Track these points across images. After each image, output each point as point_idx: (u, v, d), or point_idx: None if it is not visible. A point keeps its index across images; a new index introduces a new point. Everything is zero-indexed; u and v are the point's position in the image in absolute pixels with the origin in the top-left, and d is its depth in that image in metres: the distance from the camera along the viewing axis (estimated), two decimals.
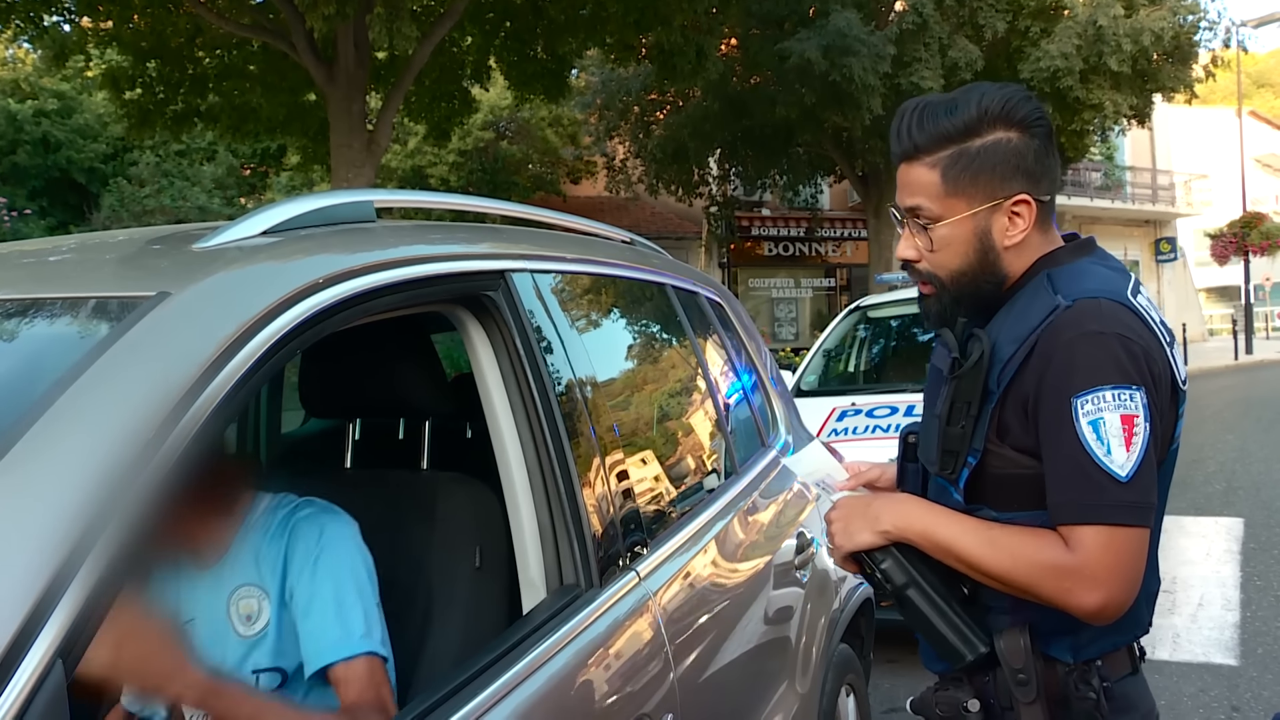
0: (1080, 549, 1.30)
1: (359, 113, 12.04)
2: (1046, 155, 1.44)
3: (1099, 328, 1.33)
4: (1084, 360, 1.32)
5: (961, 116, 1.42)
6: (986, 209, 1.42)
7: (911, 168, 1.46)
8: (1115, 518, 1.29)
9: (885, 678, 4.44)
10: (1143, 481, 1.30)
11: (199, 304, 1.19)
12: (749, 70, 17.51)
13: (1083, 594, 1.30)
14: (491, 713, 1.29)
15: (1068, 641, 1.40)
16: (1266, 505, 7.75)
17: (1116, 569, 1.30)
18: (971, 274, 1.45)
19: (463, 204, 2.06)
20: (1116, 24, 16.24)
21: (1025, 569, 1.34)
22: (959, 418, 1.42)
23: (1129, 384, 1.30)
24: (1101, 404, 1.30)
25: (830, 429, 5.15)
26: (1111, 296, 1.36)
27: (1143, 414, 1.30)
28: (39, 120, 19.41)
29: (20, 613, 0.86)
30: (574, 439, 1.70)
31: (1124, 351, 1.31)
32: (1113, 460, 1.29)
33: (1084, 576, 1.30)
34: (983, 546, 1.37)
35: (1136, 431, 1.30)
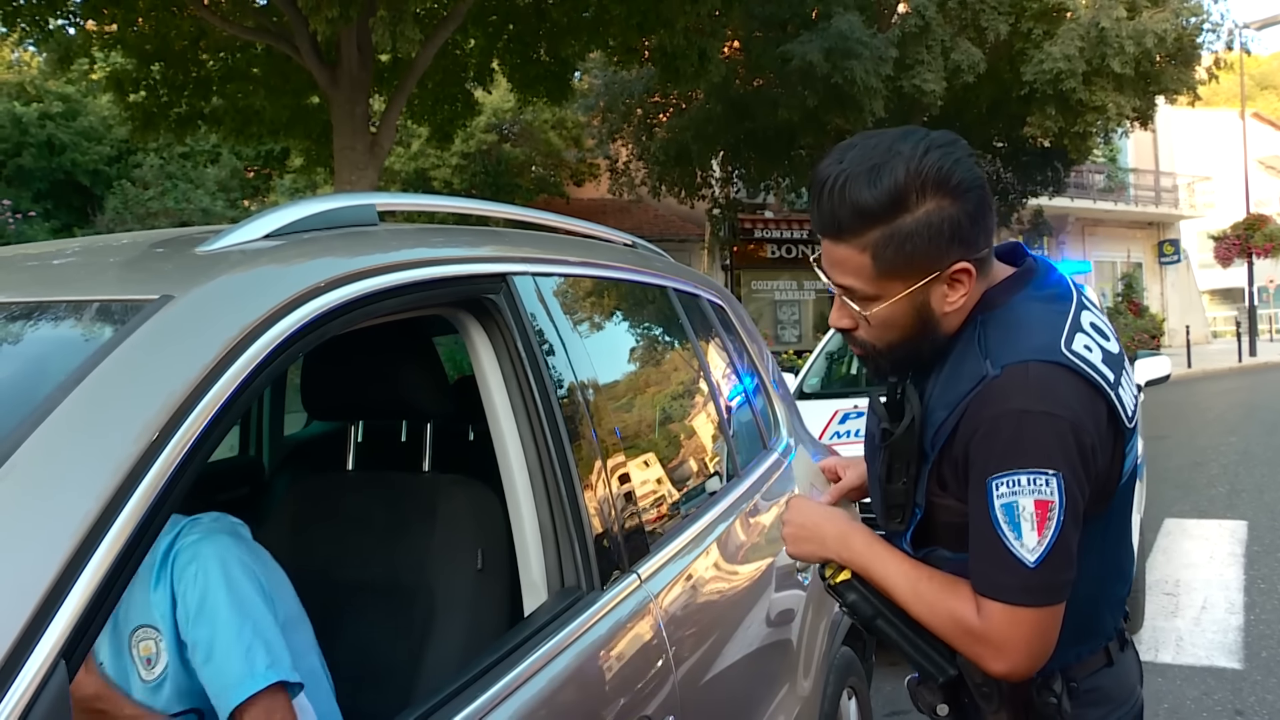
0: (988, 620, 1.33)
1: (362, 115, 12.06)
2: (983, 216, 1.35)
3: (1023, 405, 1.29)
4: (1004, 441, 1.29)
5: (886, 191, 1.30)
6: (924, 284, 1.35)
7: (838, 248, 1.37)
8: (1020, 599, 1.30)
9: (887, 681, 4.44)
10: (1052, 563, 1.29)
11: (203, 307, 1.19)
12: (751, 73, 17.53)
13: (989, 660, 1.34)
14: (493, 714, 1.29)
15: None
16: (1270, 508, 7.74)
17: (1020, 642, 1.32)
18: (911, 343, 1.41)
19: (464, 207, 2.07)
20: (1119, 26, 16.23)
21: (941, 624, 1.39)
22: (898, 476, 1.42)
23: (1046, 469, 1.27)
24: (1016, 488, 1.28)
25: (833, 431, 5.15)
26: (1041, 357, 1.31)
27: (1058, 499, 1.27)
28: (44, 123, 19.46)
29: (24, 614, 0.87)
30: (575, 441, 1.71)
31: (1048, 432, 1.28)
32: (1023, 545, 1.29)
33: (989, 645, 1.33)
34: (907, 593, 1.41)
35: (1050, 517, 1.28)
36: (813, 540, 1.52)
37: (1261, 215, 28.55)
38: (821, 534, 1.51)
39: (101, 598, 0.93)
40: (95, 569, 0.93)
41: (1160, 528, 7.14)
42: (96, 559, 0.93)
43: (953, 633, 1.38)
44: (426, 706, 1.26)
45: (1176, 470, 9.29)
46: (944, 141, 1.33)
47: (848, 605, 1.48)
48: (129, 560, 0.96)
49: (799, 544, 1.54)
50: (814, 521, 1.54)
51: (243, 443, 2.82)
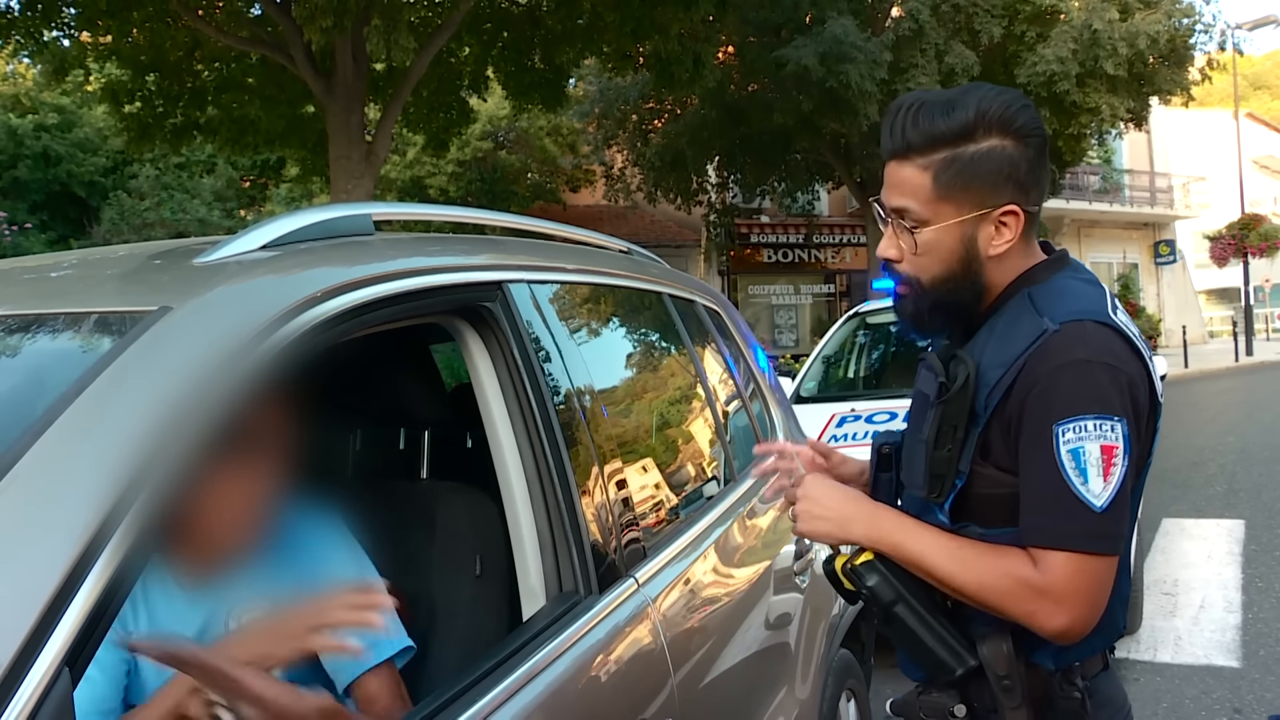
0: (1049, 572, 1.32)
1: (357, 124, 12.07)
2: (1039, 166, 1.42)
3: (1086, 355, 1.33)
4: (1069, 388, 1.32)
5: (959, 119, 1.38)
6: (975, 217, 1.41)
7: (902, 167, 1.43)
8: (1088, 545, 1.31)
9: (887, 683, 4.44)
10: (1117, 512, 1.31)
11: (200, 318, 1.20)
12: (746, 78, 17.57)
13: (1047, 616, 1.33)
14: (491, 719, 1.30)
15: (1050, 649, 1.41)
16: (1268, 507, 7.75)
17: (1083, 595, 1.32)
18: (953, 281, 1.44)
19: (460, 215, 2.08)
20: (1112, 28, 16.30)
21: (993, 587, 1.36)
22: (945, 441, 1.42)
23: (1111, 415, 1.31)
24: (1083, 433, 1.30)
25: (830, 435, 5.16)
26: (1096, 318, 1.36)
27: (1122, 446, 1.31)
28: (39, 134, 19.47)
29: (27, 622, 0.88)
30: (572, 448, 1.72)
31: (1110, 382, 1.32)
32: (1089, 490, 1.30)
33: (1051, 599, 1.32)
34: (952, 563, 1.39)
35: (1115, 463, 1.30)
36: (831, 519, 1.49)
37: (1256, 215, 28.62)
38: (844, 513, 1.48)
39: (103, 607, 0.94)
40: (97, 578, 0.93)
41: (1158, 527, 7.16)
42: (98, 568, 0.94)
43: (1007, 591, 1.35)
44: (426, 711, 1.27)
45: (1174, 470, 9.30)
46: (1014, 94, 1.42)
47: (867, 589, 1.44)
48: (129, 570, 0.97)
49: (813, 521, 1.50)
50: (835, 500, 1.51)
51: None
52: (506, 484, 1.66)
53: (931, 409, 1.44)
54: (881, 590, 1.43)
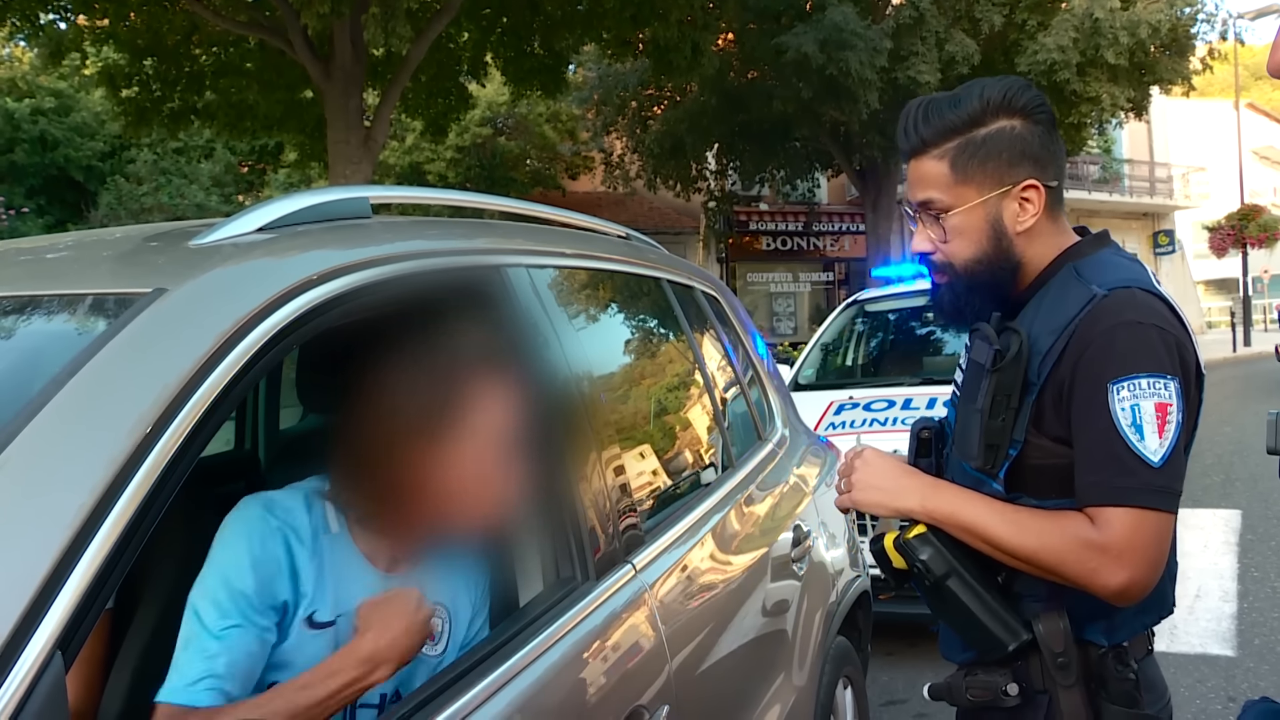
0: (1108, 529, 1.34)
1: (356, 109, 12.04)
2: (1051, 141, 1.49)
3: (1137, 317, 1.37)
4: (1122, 348, 1.35)
5: (965, 108, 1.46)
6: (996, 195, 1.47)
7: (920, 162, 1.50)
8: (1146, 501, 1.34)
9: (883, 671, 4.46)
10: (1173, 468, 1.35)
11: (195, 300, 1.19)
12: (746, 65, 17.53)
13: (1109, 574, 1.34)
14: (488, 704, 1.30)
15: (1101, 625, 1.44)
16: (1264, 497, 7.76)
17: (1143, 551, 1.34)
18: (986, 261, 1.49)
19: (458, 200, 2.07)
20: (1113, 17, 16.25)
21: (1052, 548, 1.37)
22: (1000, 410, 1.44)
23: (1164, 373, 1.34)
24: (1137, 391, 1.33)
25: (828, 422, 5.16)
26: (1144, 286, 1.40)
27: (1176, 403, 1.34)
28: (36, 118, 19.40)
29: (19, 606, 0.87)
30: (570, 433, 1.71)
31: (1160, 342, 1.35)
32: (1146, 446, 1.33)
33: (1111, 556, 1.34)
34: (1009, 527, 1.41)
35: (1169, 419, 1.34)
36: (889, 490, 1.52)
37: (1256, 206, 28.60)
38: (902, 485, 1.51)
39: (96, 589, 0.93)
40: (90, 561, 0.93)
41: None
42: (91, 551, 0.94)
43: (1066, 554, 1.36)
44: (423, 696, 1.27)
45: None
46: (1014, 79, 1.51)
47: (920, 563, 1.45)
48: (123, 552, 0.97)
49: (868, 491, 1.53)
50: (892, 472, 1.54)
51: (238, 437, 2.82)
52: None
53: (986, 378, 1.45)
54: (935, 563, 1.44)
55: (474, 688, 1.29)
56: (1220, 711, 3.86)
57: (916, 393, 5.28)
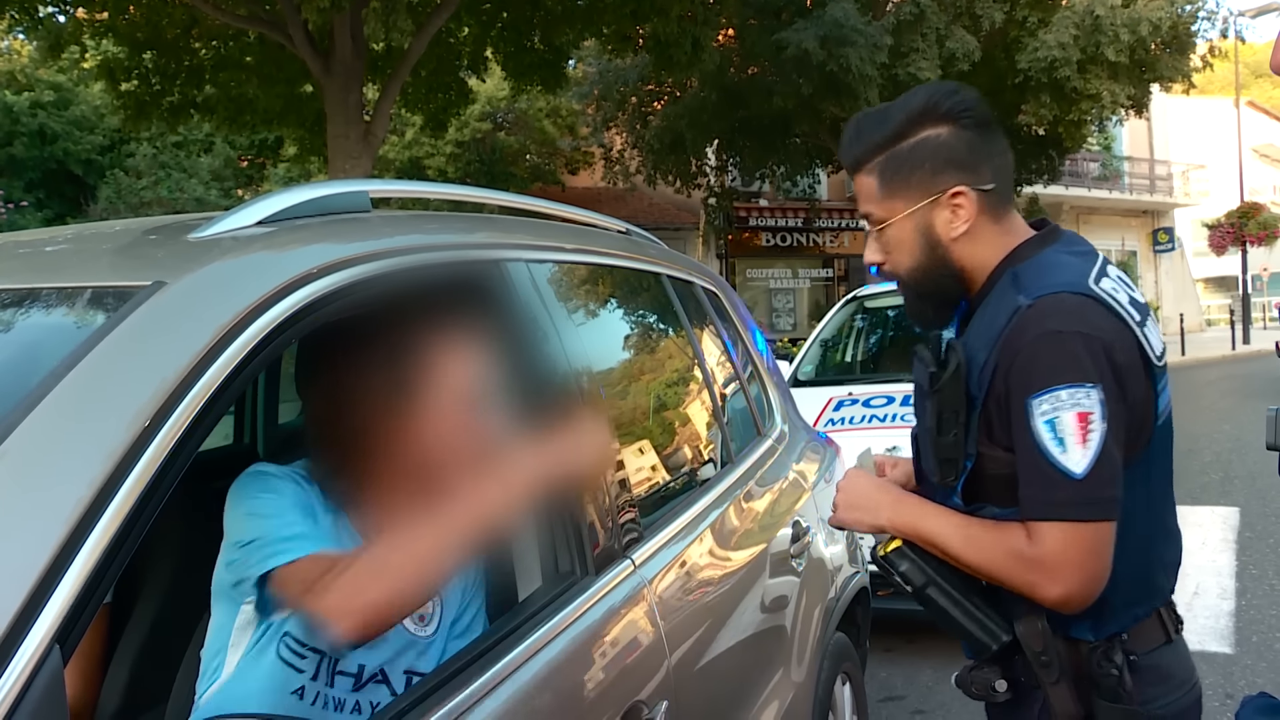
0: (1040, 544, 1.37)
1: (356, 104, 12.03)
2: (983, 143, 1.49)
3: (1057, 326, 1.37)
4: (1041, 361, 1.36)
5: (889, 123, 1.50)
6: (925, 205, 1.49)
7: (858, 178, 1.54)
8: (1073, 514, 1.35)
9: (882, 667, 4.46)
10: (1099, 476, 1.34)
11: (194, 293, 1.19)
12: (746, 61, 17.51)
13: (1045, 587, 1.38)
14: (487, 699, 1.29)
15: (1088, 622, 1.45)
16: (1262, 495, 7.77)
17: (1077, 563, 1.36)
18: (924, 270, 1.52)
19: (457, 194, 2.06)
20: (1114, 14, 16.24)
21: (996, 562, 1.43)
22: (949, 427, 1.47)
23: (1084, 382, 1.34)
24: (1057, 404, 1.34)
25: (827, 419, 5.16)
26: (1073, 289, 1.39)
27: (1098, 411, 1.34)
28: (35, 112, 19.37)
29: (17, 600, 0.87)
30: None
31: (1082, 349, 1.35)
32: (1069, 458, 1.34)
33: (1045, 571, 1.37)
34: (960, 540, 1.46)
35: (1092, 428, 1.33)
36: (864, 508, 1.58)
37: (1255, 203, 28.59)
38: (874, 502, 1.57)
39: (95, 583, 0.93)
40: (88, 555, 0.93)
41: None
42: (89, 545, 0.93)
43: (1006, 566, 1.41)
44: (422, 690, 1.27)
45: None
46: (946, 85, 1.52)
47: (900, 575, 1.51)
48: (122, 546, 0.97)
49: (850, 511, 1.60)
50: (867, 491, 1.59)
51: (237, 431, 2.82)
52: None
53: (928, 399, 1.49)
54: (912, 575, 1.50)
55: (473, 682, 1.29)
56: (1218, 708, 3.87)
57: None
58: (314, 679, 1.42)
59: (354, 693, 1.44)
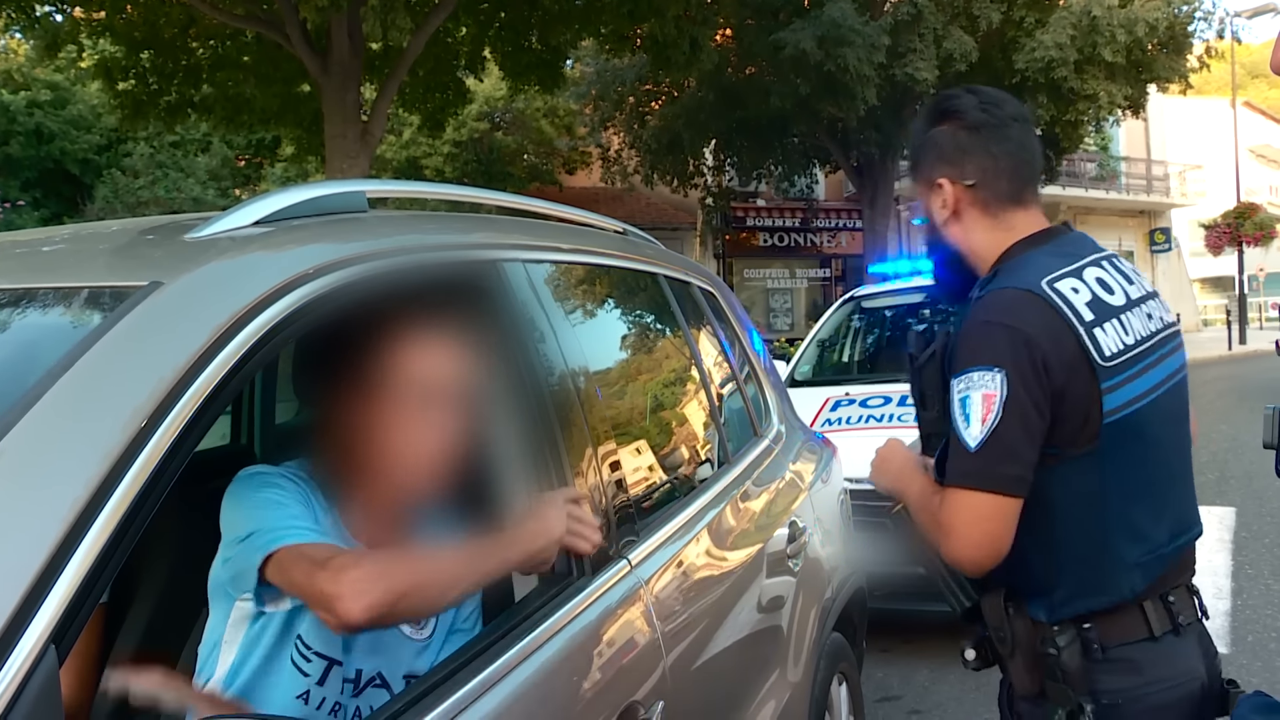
0: (943, 505, 1.55)
1: (353, 103, 12.02)
2: (970, 143, 1.64)
3: (988, 317, 1.53)
4: (966, 345, 1.53)
5: (920, 121, 1.73)
6: (925, 190, 1.72)
7: None
8: (961, 481, 1.51)
9: (878, 667, 4.47)
10: (991, 450, 1.48)
11: (191, 293, 1.19)
12: (744, 61, 17.50)
13: (944, 546, 1.55)
14: (483, 699, 1.29)
15: (1042, 603, 1.58)
16: (1258, 495, 7.78)
17: (962, 527, 1.51)
18: (931, 242, 1.75)
19: (454, 194, 2.06)
20: (1111, 14, 16.24)
21: (926, 524, 1.62)
22: (931, 404, 1.63)
23: (994, 366, 1.48)
24: (969, 384, 1.50)
25: (824, 419, 5.17)
26: (1018, 286, 1.53)
27: (1000, 393, 1.47)
28: (32, 111, 19.34)
29: (13, 600, 0.87)
30: (566, 429, 1.71)
31: (1002, 338, 1.49)
32: (969, 432, 1.49)
33: (943, 531, 1.54)
34: (915, 506, 1.66)
35: (992, 408, 1.47)
36: (882, 472, 1.79)
37: (1252, 204, 28.58)
38: (890, 469, 1.77)
39: (91, 583, 0.93)
40: (84, 555, 0.93)
41: None
42: (85, 545, 0.93)
43: (930, 527, 1.60)
44: (418, 690, 1.27)
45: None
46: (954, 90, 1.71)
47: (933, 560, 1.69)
48: (118, 546, 0.97)
49: (875, 473, 1.81)
50: (889, 458, 1.79)
51: (234, 431, 2.81)
52: (499, 464, 1.65)
53: (915, 377, 1.68)
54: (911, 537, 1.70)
55: (469, 682, 1.29)
56: None
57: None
58: (320, 684, 1.43)
59: (354, 698, 1.45)
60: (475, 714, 1.27)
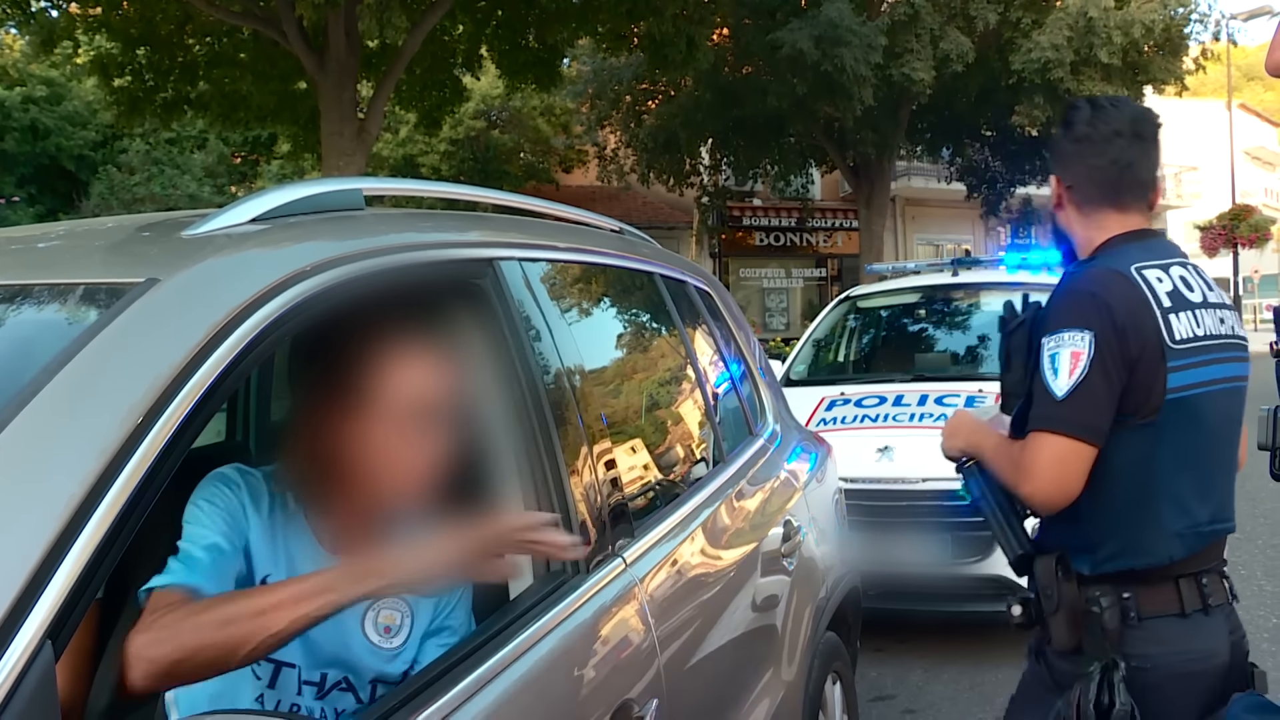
0: (1024, 447, 1.74)
1: (350, 101, 12.01)
2: (1073, 152, 1.88)
3: (1078, 286, 1.77)
4: (1057, 309, 1.75)
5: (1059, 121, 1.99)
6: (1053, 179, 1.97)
7: None
8: (1045, 425, 1.71)
9: (872, 666, 4.47)
10: (1076, 401, 1.68)
11: (188, 290, 1.19)
12: (740, 60, 17.52)
13: (1021, 483, 1.74)
14: (478, 696, 1.30)
15: (1087, 558, 1.78)
16: (1252, 496, 7.79)
17: (1041, 466, 1.70)
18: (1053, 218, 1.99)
19: (451, 192, 2.07)
20: (1107, 16, 16.27)
21: (1003, 468, 1.81)
22: (1015, 366, 1.84)
23: (1082, 327, 1.69)
24: (1059, 342, 1.71)
25: (819, 418, 5.17)
26: (1112, 266, 1.77)
27: (1087, 350, 1.68)
28: (27, 107, 19.30)
29: (9, 595, 0.87)
30: (561, 426, 1.71)
31: (1089, 304, 1.72)
32: (1056, 383, 1.69)
33: (1022, 470, 1.73)
34: (992, 453, 1.86)
35: (1080, 363, 1.68)
36: (955, 435, 2.00)
37: (1247, 206, 28.66)
38: (962, 430, 1.99)
39: (87, 579, 0.93)
40: (80, 551, 0.93)
41: None
42: (81, 541, 0.93)
43: (1008, 469, 1.79)
44: (413, 688, 1.27)
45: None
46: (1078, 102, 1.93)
47: (965, 488, 1.95)
48: (114, 542, 0.97)
49: (946, 438, 2.02)
50: (960, 422, 2.02)
51: (230, 428, 2.81)
52: (495, 462, 1.65)
53: (1004, 341, 1.90)
54: (971, 489, 1.94)
55: (464, 679, 1.29)
56: None
57: (908, 389, 5.28)
58: (271, 687, 1.44)
59: (318, 700, 1.45)
60: (470, 710, 1.27)
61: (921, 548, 4.52)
